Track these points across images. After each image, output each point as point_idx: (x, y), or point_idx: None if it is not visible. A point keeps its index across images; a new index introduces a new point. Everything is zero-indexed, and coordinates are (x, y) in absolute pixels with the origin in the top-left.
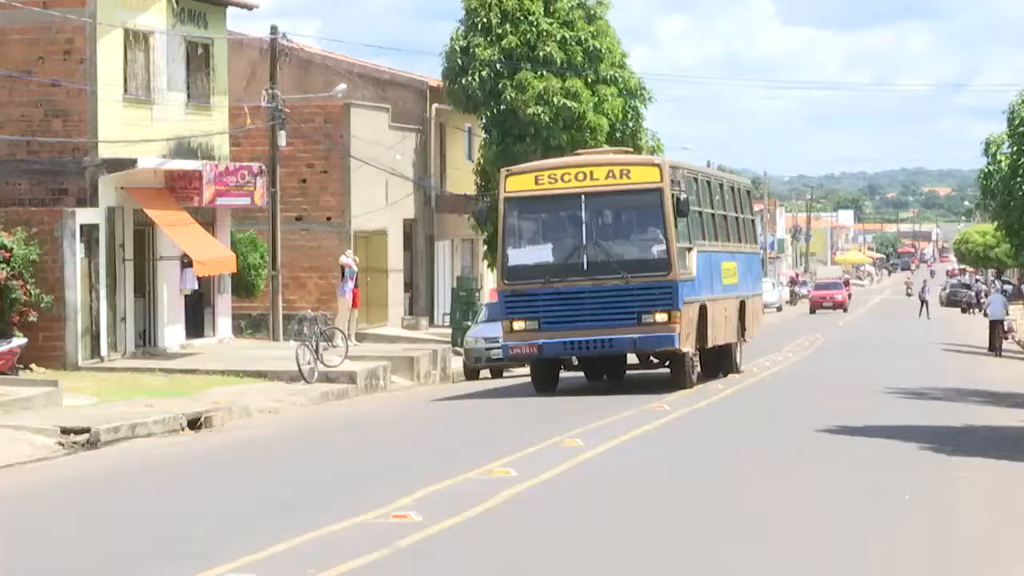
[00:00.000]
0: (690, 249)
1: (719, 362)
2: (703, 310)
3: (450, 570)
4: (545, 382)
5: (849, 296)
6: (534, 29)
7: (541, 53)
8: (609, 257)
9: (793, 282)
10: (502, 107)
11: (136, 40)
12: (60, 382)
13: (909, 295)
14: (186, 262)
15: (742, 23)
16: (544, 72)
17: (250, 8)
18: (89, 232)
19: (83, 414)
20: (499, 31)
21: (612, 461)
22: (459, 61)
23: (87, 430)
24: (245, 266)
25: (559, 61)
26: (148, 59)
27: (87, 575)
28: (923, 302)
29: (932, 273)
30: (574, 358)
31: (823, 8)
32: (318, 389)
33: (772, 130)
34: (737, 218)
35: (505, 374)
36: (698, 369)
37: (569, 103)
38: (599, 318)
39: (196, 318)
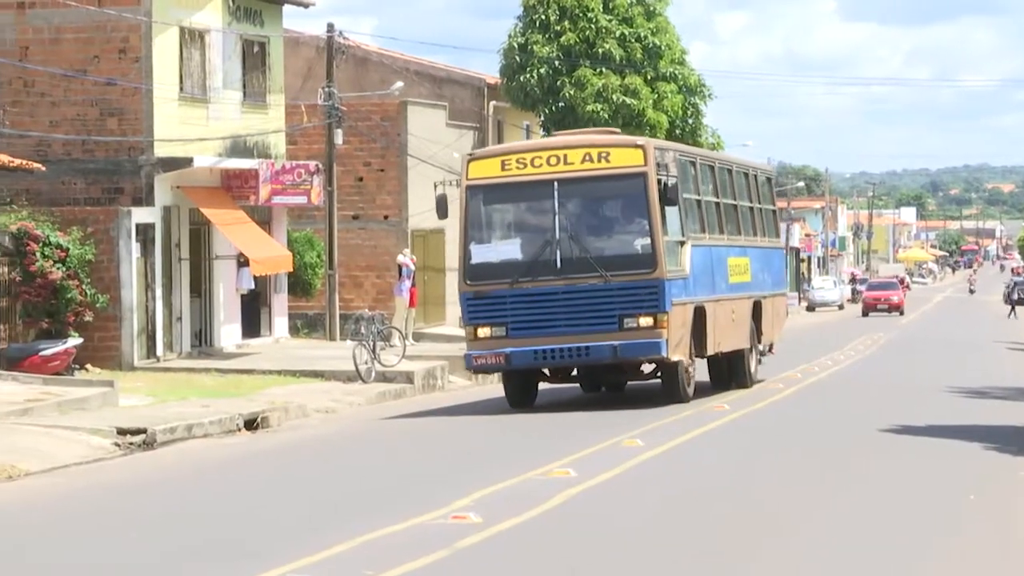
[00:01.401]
0: (683, 243)
1: (730, 372)
2: (700, 312)
3: (509, 572)
4: (520, 396)
5: (906, 295)
6: (593, 26)
7: (600, 50)
8: (586, 253)
9: (855, 280)
10: (560, 104)
11: (192, 38)
12: (116, 382)
13: (972, 292)
14: (242, 261)
15: (803, 19)
16: (603, 69)
17: (306, 6)
18: (145, 231)
19: (139, 414)
20: (557, 28)
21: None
22: (517, 58)
23: (143, 431)
24: (301, 265)
25: (618, 58)
26: (204, 57)
27: (141, 574)
28: (1012, 303)
29: (1002, 268)
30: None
31: (884, 3)
32: (375, 389)
33: (833, 127)
34: (752, 209)
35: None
36: (695, 380)
37: (628, 100)
38: (575, 323)
39: (252, 318)
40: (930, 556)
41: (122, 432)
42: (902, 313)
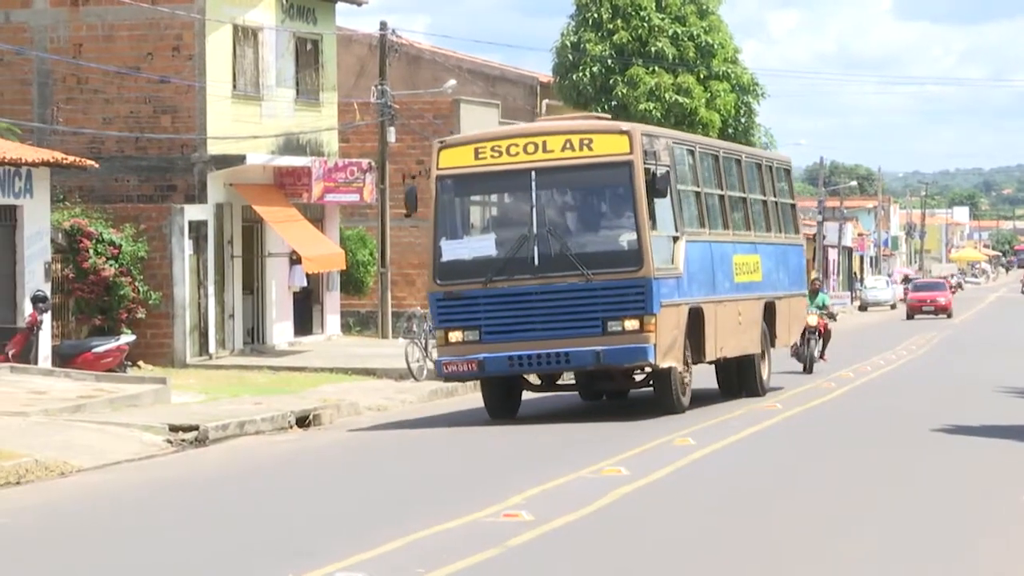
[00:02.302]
0: (677, 238)
1: (740, 379)
2: (697, 314)
3: (561, 570)
4: (499, 405)
5: (957, 295)
6: (645, 24)
7: (653, 49)
8: (566, 250)
9: (907, 280)
10: (613, 103)
11: (245, 36)
12: (168, 379)
13: None
14: (295, 259)
15: (856, 18)
16: (655, 68)
17: (359, 4)
18: (197, 228)
19: (191, 411)
20: (610, 27)
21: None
22: (570, 57)
23: (195, 428)
24: (354, 263)
25: (671, 57)
26: (257, 55)
27: (196, 572)
28: None
29: None
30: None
31: (938, 2)
32: (427, 387)
33: (886, 126)
34: (765, 202)
35: None
36: (691, 389)
37: (681, 99)
38: (554, 326)
39: (304, 315)
40: (977, 558)
41: (174, 429)
42: (950, 316)
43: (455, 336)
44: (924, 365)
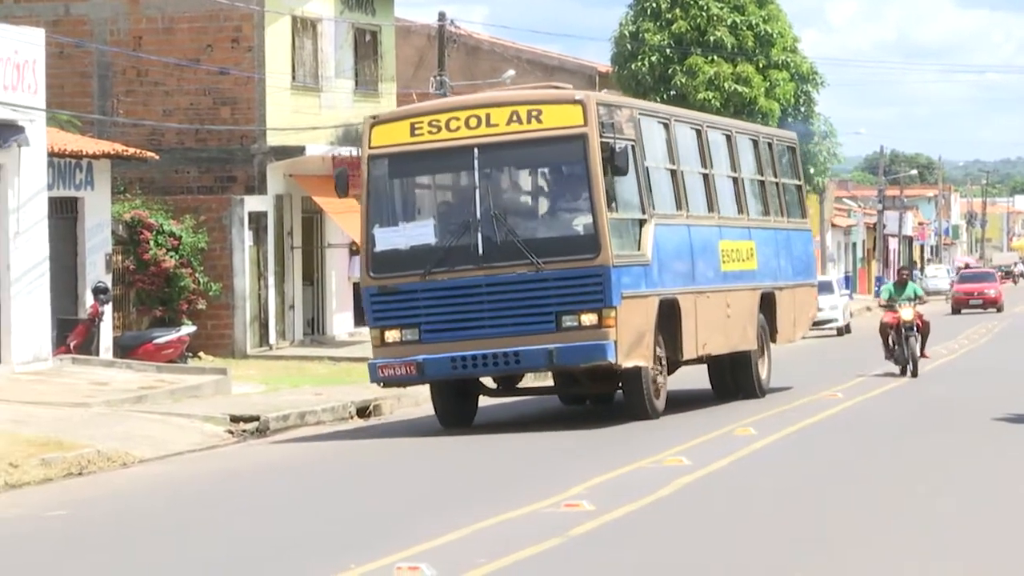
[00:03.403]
0: (644, 221)
1: (734, 378)
2: (670, 307)
3: (623, 559)
4: (452, 412)
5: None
6: (704, 14)
7: (711, 38)
8: (513, 236)
9: (967, 268)
10: (672, 93)
11: (304, 27)
12: (229, 370)
13: None
14: (355, 250)
15: (916, 5)
16: (714, 57)
17: None
18: (257, 220)
19: (252, 402)
20: (669, 16)
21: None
22: (628, 46)
23: (256, 418)
24: None
25: (730, 46)
26: (316, 46)
27: (258, 565)
28: None
29: None
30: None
31: None
32: None
33: (946, 114)
34: (763, 183)
35: None
36: (666, 391)
37: (740, 88)
38: (502, 323)
39: None
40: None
41: (235, 419)
42: (1000, 309)
43: (391, 336)
44: (986, 355)
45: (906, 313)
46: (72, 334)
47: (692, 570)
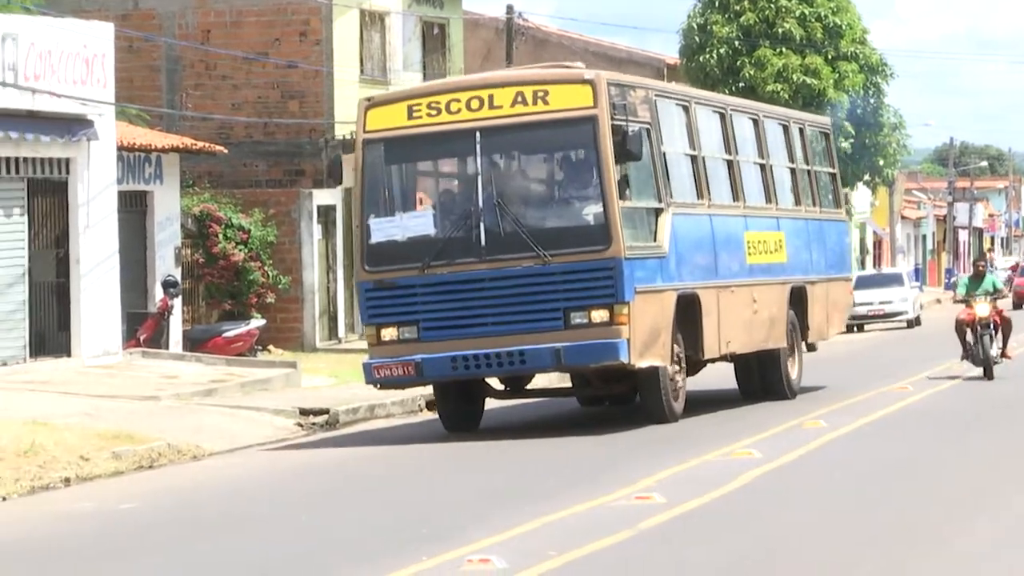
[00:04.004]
0: (661, 210)
1: (761, 378)
2: (690, 302)
3: (695, 552)
4: (456, 416)
5: None
6: (772, 6)
7: (780, 30)
8: (519, 226)
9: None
10: (740, 85)
11: (372, 21)
12: (298, 363)
13: None
14: None
15: None
16: (783, 49)
17: None
18: (326, 213)
19: (321, 395)
20: (737, 8)
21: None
22: (696, 38)
23: (326, 411)
24: None
25: (798, 38)
26: (384, 40)
27: (328, 558)
28: None
29: None
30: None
31: None
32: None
33: (1017, 105)
34: (794, 170)
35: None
36: (685, 392)
37: (809, 80)
38: (506, 320)
39: None
40: None
41: (305, 413)
42: None
43: (388, 334)
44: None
45: (981, 309)
46: (142, 328)
47: (763, 562)
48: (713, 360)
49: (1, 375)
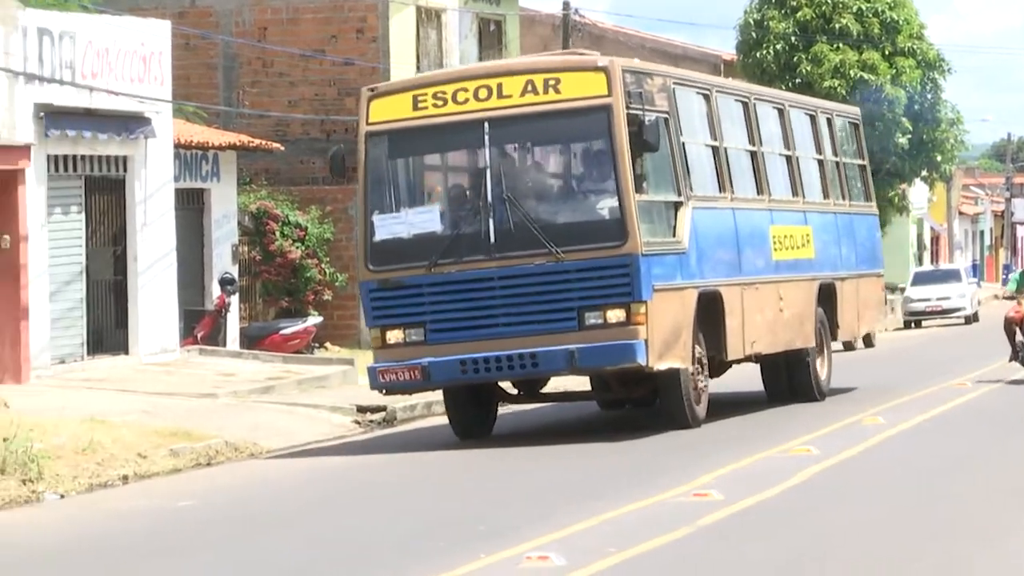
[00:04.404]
0: (681, 204)
1: (789, 379)
2: (712, 300)
3: (753, 549)
4: (467, 422)
5: None
6: (829, 1)
7: (837, 25)
8: (530, 221)
9: None
10: (797, 81)
11: (428, 18)
12: (355, 360)
13: None
14: None
15: None
16: (840, 45)
17: None
18: None
19: (378, 392)
20: (794, 3)
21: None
22: (753, 34)
23: (383, 408)
24: None
25: (855, 33)
26: (440, 36)
27: (386, 554)
28: None
29: None
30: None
31: None
32: None
33: None
34: (822, 162)
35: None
36: (707, 395)
37: (866, 76)
38: (518, 320)
39: None
40: None
41: (362, 410)
42: None
43: (394, 336)
44: None
45: None
46: (199, 325)
47: (822, 559)
48: (738, 361)
49: (59, 373)
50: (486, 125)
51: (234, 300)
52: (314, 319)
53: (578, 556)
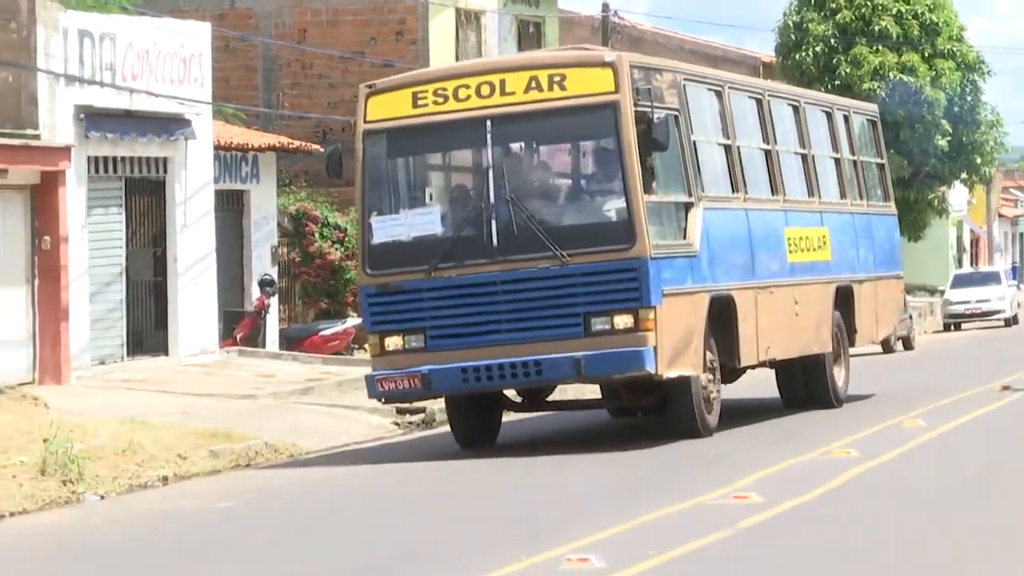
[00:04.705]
0: (691, 205)
1: (806, 386)
2: (724, 305)
3: (795, 552)
4: (469, 429)
5: None
6: (869, 3)
7: (876, 27)
8: (533, 224)
9: None
10: (837, 83)
11: (467, 20)
12: None
13: None
14: None
15: None
16: (879, 47)
17: None
18: None
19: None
20: (833, 6)
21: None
22: (792, 36)
23: (422, 410)
24: None
25: (895, 35)
26: (479, 39)
27: (424, 557)
28: None
29: None
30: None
31: None
32: None
33: None
34: (838, 160)
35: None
36: (719, 404)
37: (905, 78)
38: (521, 326)
39: None
40: None
41: (401, 411)
42: None
43: (393, 342)
44: None
45: None
46: (238, 326)
47: (867, 561)
48: (752, 367)
49: (99, 374)
50: (488, 123)
51: (273, 301)
52: (353, 320)
53: (618, 558)
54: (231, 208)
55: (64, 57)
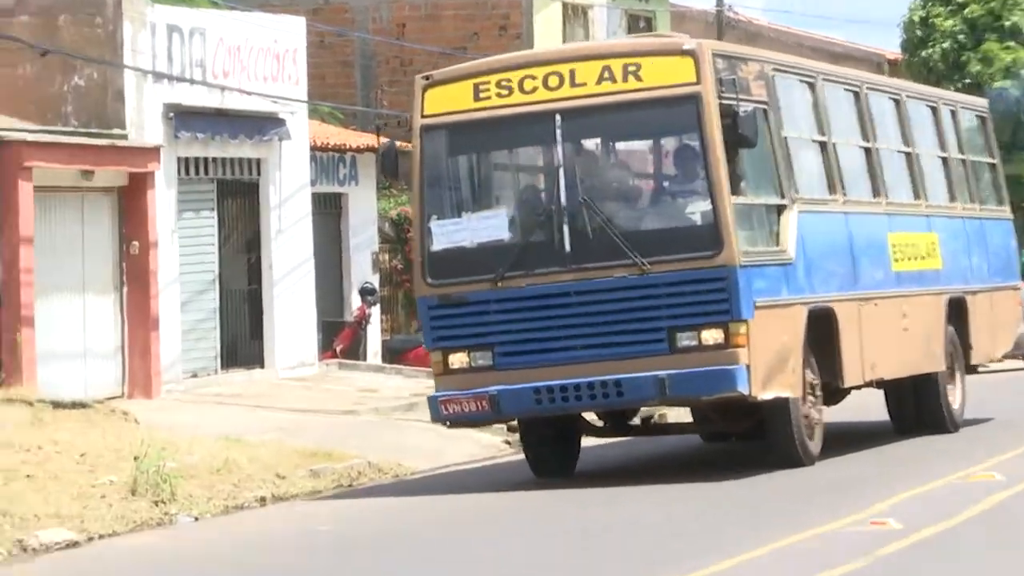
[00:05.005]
0: (784, 208)
1: (917, 407)
2: (823, 318)
3: None
4: (546, 457)
5: None
6: None
7: (1007, 23)
8: (609, 228)
9: None
10: (966, 81)
11: (575, 14)
12: None
13: None
14: None
15: None
16: (1011, 43)
17: None
18: None
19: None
20: (961, 0)
21: None
22: (918, 32)
23: None
24: None
25: None
26: (587, 34)
27: None
28: None
29: None
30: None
31: None
32: None
33: None
34: (946, 160)
35: None
36: (823, 429)
37: None
38: (598, 343)
39: None
40: None
41: (512, 429)
42: None
43: (457, 360)
44: None
45: None
46: (338, 338)
47: None
48: (857, 387)
49: (191, 387)
50: (558, 117)
51: (375, 311)
52: None
53: None
54: (328, 212)
55: (152, 53)
